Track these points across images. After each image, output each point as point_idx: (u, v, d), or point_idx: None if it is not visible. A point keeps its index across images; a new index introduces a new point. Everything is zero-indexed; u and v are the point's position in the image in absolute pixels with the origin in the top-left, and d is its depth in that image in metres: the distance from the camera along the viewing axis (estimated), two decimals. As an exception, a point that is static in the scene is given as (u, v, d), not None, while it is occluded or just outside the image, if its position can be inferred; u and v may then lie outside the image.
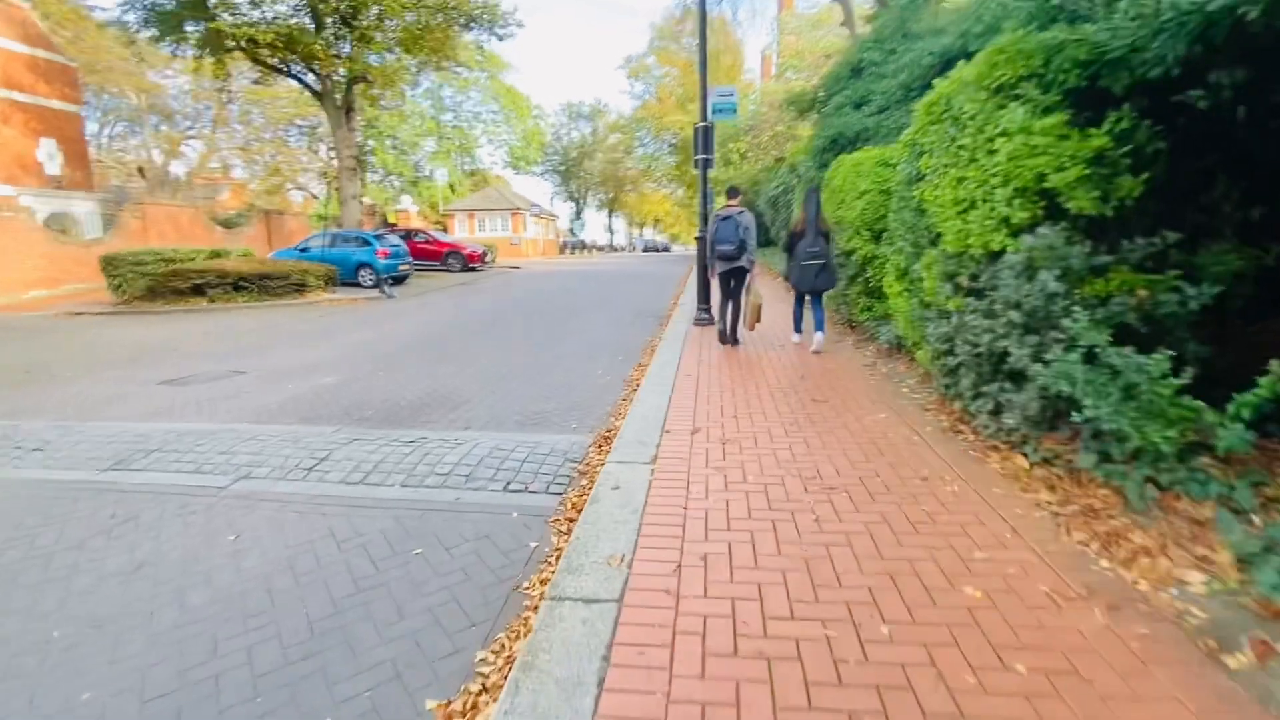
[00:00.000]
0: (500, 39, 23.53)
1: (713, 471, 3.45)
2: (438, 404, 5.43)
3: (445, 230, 36.31)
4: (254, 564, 2.86)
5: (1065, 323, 2.76)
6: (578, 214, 54.92)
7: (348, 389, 6.02)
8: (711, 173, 28.76)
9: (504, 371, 6.64)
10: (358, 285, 16.33)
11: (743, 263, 6.67)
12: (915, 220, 4.41)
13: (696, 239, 8.67)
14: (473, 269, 22.97)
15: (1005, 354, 3.28)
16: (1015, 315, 3.06)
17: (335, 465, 3.95)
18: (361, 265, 16.47)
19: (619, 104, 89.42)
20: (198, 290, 13.08)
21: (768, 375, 5.67)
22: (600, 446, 4.20)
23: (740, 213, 6.65)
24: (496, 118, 41.45)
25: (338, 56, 18.99)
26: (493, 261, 25.82)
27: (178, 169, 39.63)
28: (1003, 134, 3.14)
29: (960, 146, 3.59)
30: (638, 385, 5.63)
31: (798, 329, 7.09)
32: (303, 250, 16.82)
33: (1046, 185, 2.95)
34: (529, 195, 46.95)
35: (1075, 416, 2.67)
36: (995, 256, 3.37)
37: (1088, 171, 2.85)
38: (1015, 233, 3.17)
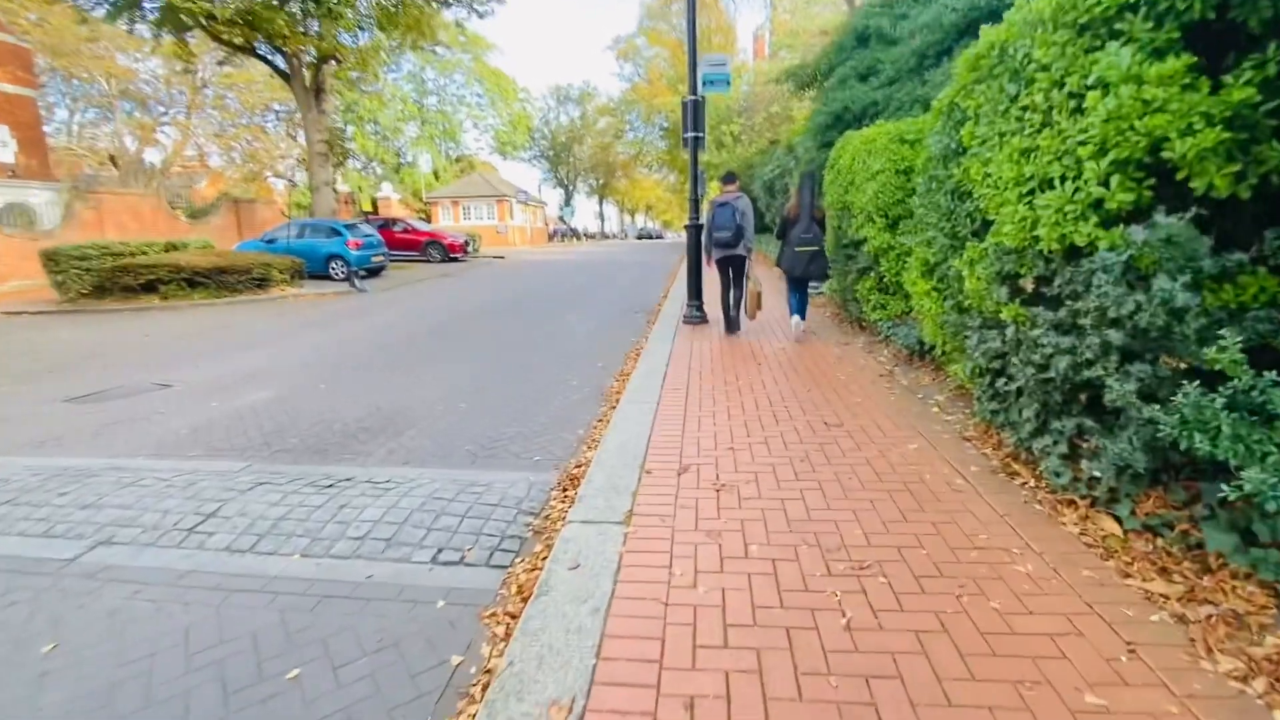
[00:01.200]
0: (481, 16, 22.42)
1: (704, 538, 2.63)
2: (380, 428, 4.58)
3: (429, 218, 35.22)
4: (55, 700, 2.03)
5: (1205, 351, 1.94)
6: (567, 201, 53.75)
7: (279, 407, 5.16)
8: (704, 156, 27.83)
9: (466, 383, 5.79)
10: (328, 278, 15.39)
11: (740, 250, 6.56)
12: (952, 205, 3.57)
13: (686, 227, 7.81)
14: (454, 259, 21.99)
15: (1093, 383, 2.46)
16: (1115, 335, 2.23)
17: (224, 523, 3.11)
18: (332, 257, 15.52)
19: (608, 86, 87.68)
20: (150, 287, 12.11)
21: (768, 386, 4.86)
22: (565, 490, 3.38)
23: (738, 199, 6.52)
24: (481, 101, 40.18)
25: (305, 34, 17.88)
26: (476, 251, 24.82)
27: (153, 157, 38.19)
28: (1098, 86, 2.29)
29: (1024, 108, 2.74)
30: (618, 400, 4.81)
31: (794, 312, 6.77)
32: (269, 241, 15.83)
33: (1165, 155, 2.11)
34: (516, 182, 45.73)
35: (1228, 493, 1.85)
36: (1075, 253, 2.54)
37: (1226, 136, 2.02)
38: (1110, 221, 2.34)
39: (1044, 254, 2.69)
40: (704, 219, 6.99)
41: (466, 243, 22.76)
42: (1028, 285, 2.78)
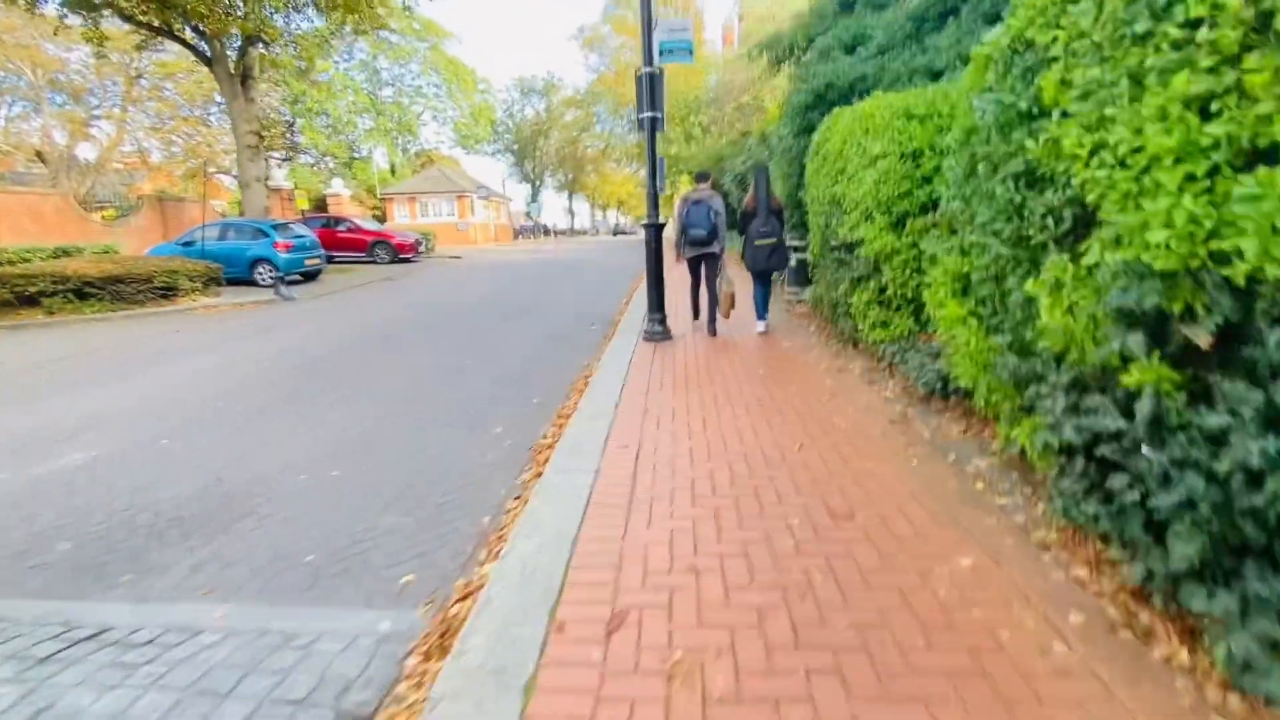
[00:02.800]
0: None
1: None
2: (205, 518, 3.26)
3: (383, 216, 33.35)
4: None
5: None
6: (534, 196, 52.03)
7: (86, 480, 3.78)
8: (673, 149, 26.54)
9: (355, 432, 4.47)
10: (255, 284, 13.78)
11: (714, 248, 6.40)
12: (1017, 196, 2.39)
13: (644, 227, 6.58)
14: (405, 260, 20.40)
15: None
16: None
17: None
18: (258, 261, 13.90)
19: (574, 78, 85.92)
20: (33, 300, 10.44)
21: (746, 440, 3.65)
22: (429, 657, 2.12)
23: (711, 196, 6.38)
24: (440, 93, 38.28)
25: (229, 14, 16.13)
26: (430, 251, 23.24)
27: (89, 153, 35.50)
28: None
29: (1190, 23, 1.55)
30: (545, 464, 3.56)
31: (760, 316, 6.79)
32: (185, 245, 14.14)
33: None
34: (481, 177, 43.96)
35: None
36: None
37: None
38: None
39: (1235, 286, 1.50)
40: (673, 216, 6.75)
41: (418, 242, 21.18)
42: (1201, 339, 1.59)
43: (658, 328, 6.55)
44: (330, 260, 19.06)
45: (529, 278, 15.79)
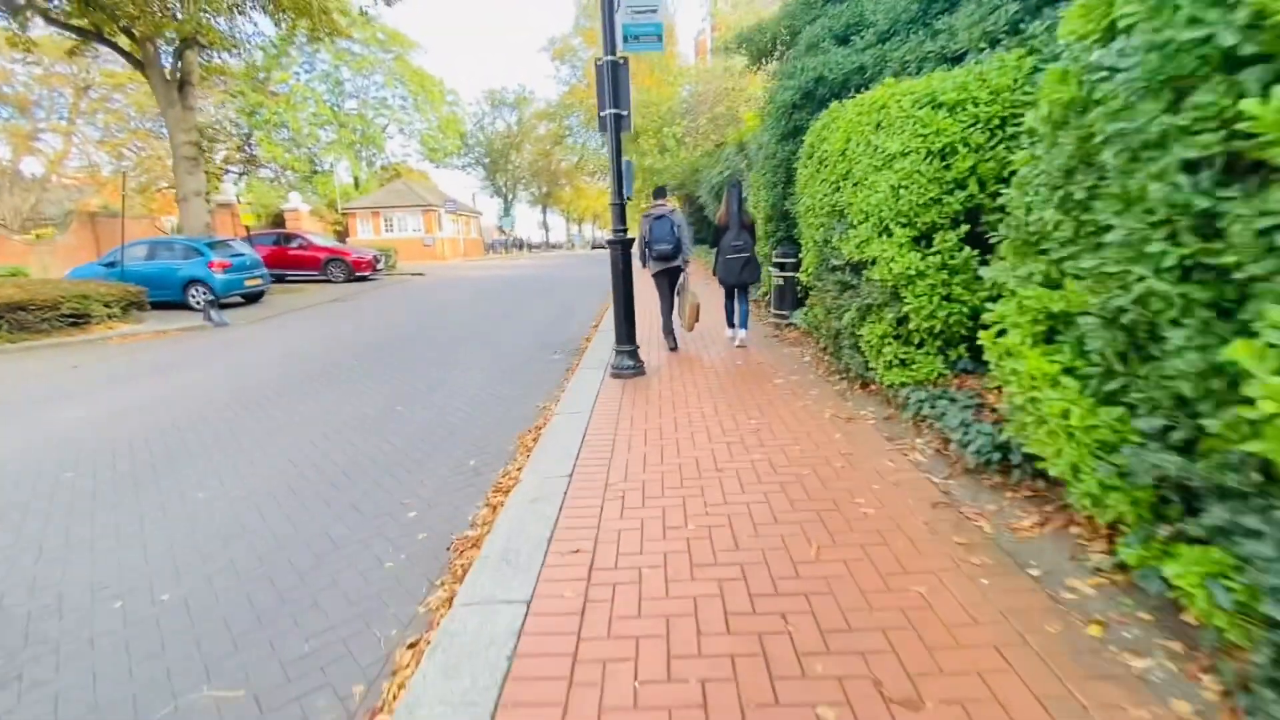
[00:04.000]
0: (389, 3, 19.84)
1: None
2: (-67, 692, 2.16)
3: (345, 232, 31.94)
4: None
5: None
6: (506, 210, 50.86)
7: None
8: (647, 162, 25.58)
9: (218, 525, 3.37)
10: (189, 308, 12.50)
11: (678, 262, 6.36)
12: (1198, 199, 1.43)
13: (610, 243, 5.60)
14: (362, 278, 19.13)
15: None
16: None
17: None
18: (192, 282, 12.62)
19: (545, 90, 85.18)
20: (-86, 330, 9.10)
21: (742, 538, 2.66)
22: None
23: (672, 211, 6.35)
24: (405, 104, 37.06)
25: (164, 16, 14.88)
26: (391, 268, 21.97)
27: (35, 167, 33.51)
28: None
29: None
30: (463, 578, 2.53)
31: (730, 323, 6.84)
32: (109, 265, 12.81)
33: None
34: (452, 191, 42.71)
35: None
36: None
37: None
38: None
39: None
40: (638, 235, 6.37)
41: (376, 259, 19.91)
42: None
43: (628, 362, 5.55)
44: (281, 280, 17.82)
45: (492, 296, 14.69)
